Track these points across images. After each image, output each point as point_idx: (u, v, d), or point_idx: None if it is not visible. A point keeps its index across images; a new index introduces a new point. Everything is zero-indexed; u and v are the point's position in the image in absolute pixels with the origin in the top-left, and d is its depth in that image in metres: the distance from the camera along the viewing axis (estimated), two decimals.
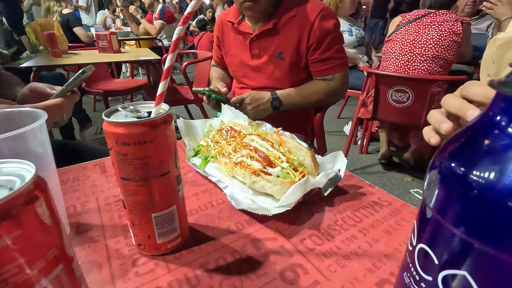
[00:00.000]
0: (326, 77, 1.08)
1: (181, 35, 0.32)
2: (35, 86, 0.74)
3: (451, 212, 0.20)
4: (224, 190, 0.52)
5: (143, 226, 0.38)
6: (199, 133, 0.71)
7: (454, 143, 0.21)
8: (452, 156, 0.20)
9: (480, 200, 0.18)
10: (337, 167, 0.54)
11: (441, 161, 0.21)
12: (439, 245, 0.21)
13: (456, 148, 0.21)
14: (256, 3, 0.97)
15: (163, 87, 0.34)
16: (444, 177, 0.21)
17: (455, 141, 0.21)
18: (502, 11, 1.64)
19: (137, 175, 0.34)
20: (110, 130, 0.32)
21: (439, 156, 0.22)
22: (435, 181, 0.21)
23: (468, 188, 0.19)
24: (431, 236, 0.22)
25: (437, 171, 0.21)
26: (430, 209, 0.22)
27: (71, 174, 0.61)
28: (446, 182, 0.20)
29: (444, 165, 0.21)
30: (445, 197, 0.21)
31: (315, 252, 0.41)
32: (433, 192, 0.22)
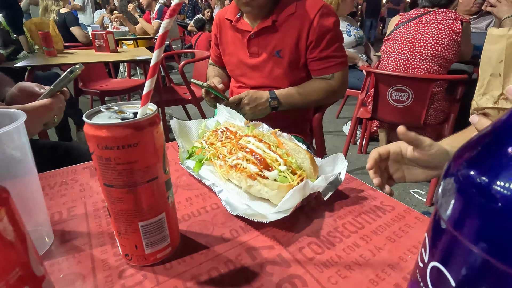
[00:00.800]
0: (326, 76, 1.05)
1: (168, 28, 0.29)
2: (23, 86, 0.72)
3: (470, 227, 0.17)
4: (218, 195, 0.50)
5: (130, 235, 0.35)
6: (194, 134, 0.68)
7: (474, 147, 0.19)
8: (472, 162, 0.18)
9: (505, 214, 0.16)
10: (337, 170, 0.52)
11: (458, 168, 0.19)
12: (456, 264, 0.18)
13: (477, 153, 0.18)
14: (252, 0, 0.95)
15: (149, 86, 0.32)
16: (462, 186, 0.18)
17: (476, 145, 0.19)
18: (504, 9, 1.62)
19: (122, 181, 0.31)
20: (91, 133, 0.30)
21: (456, 161, 0.19)
22: (451, 190, 0.19)
23: (490, 200, 0.16)
24: (446, 253, 0.19)
25: (454, 179, 0.19)
26: (444, 222, 0.19)
27: (59, 177, 0.59)
28: (465, 193, 0.18)
29: (462, 172, 0.18)
30: (463, 209, 0.18)
31: (315, 261, 0.38)
32: (448, 203, 0.19)
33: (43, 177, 0.59)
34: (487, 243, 0.16)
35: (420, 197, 1.86)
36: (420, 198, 1.86)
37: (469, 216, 0.17)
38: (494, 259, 0.16)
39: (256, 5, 0.98)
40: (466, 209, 0.18)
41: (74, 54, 2.45)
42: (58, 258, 0.39)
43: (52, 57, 2.20)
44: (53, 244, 0.42)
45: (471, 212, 0.17)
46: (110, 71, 4.07)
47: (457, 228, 0.18)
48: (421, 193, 1.90)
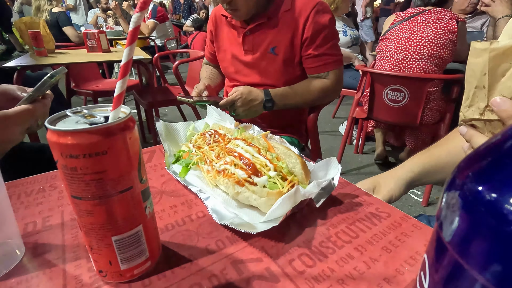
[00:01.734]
0: (320, 75, 1.03)
1: (139, 23, 0.26)
2: (4, 88, 0.68)
3: (477, 254, 0.15)
4: (205, 202, 0.47)
5: (103, 250, 0.32)
6: (181, 137, 0.65)
7: (484, 158, 0.16)
8: (480, 176, 0.15)
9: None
10: (331, 175, 0.49)
11: (464, 181, 0.16)
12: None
13: (487, 165, 0.15)
14: (235, 11, 0.96)
15: (121, 87, 0.29)
16: (467, 202, 0.15)
17: (485, 155, 0.16)
18: (499, 9, 1.61)
19: (90, 192, 0.28)
20: (53, 140, 0.27)
21: (461, 173, 0.17)
22: (454, 207, 0.16)
23: (502, 222, 0.14)
24: (448, 280, 0.17)
25: (458, 193, 0.16)
26: (446, 243, 0.17)
27: (37, 184, 0.55)
28: (471, 211, 0.15)
29: (468, 186, 0.16)
30: (468, 231, 0.15)
31: (305, 275, 0.36)
32: (451, 221, 0.16)
33: (20, 184, 0.55)
34: (495, 272, 0.14)
35: (417, 197, 1.85)
36: (417, 198, 1.84)
37: (476, 240, 0.15)
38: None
39: (240, 16, 0.98)
40: (472, 231, 0.15)
41: (65, 54, 2.40)
42: (27, 274, 0.36)
43: (42, 57, 2.15)
44: (25, 257, 0.39)
45: (479, 235, 0.15)
46: (104, 71, 4.03)
47: (462, 253, 0.16)
48: (417, 193, 1.89)
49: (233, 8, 0.95)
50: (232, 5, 0.94)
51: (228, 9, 0.97)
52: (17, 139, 0.60)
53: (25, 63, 1.97)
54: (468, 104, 0.40)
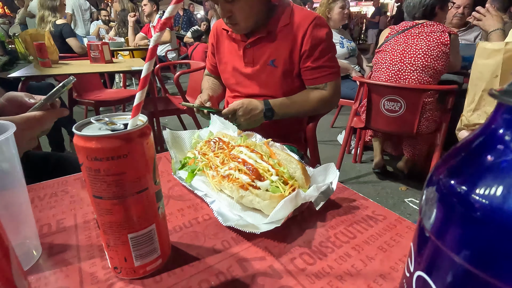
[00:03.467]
0: (319, 86, 1.07)
1: (159, 41, 0.29)
2: (12, 96, 0.71)
3: (452, 237, 0.18)
4: (211, 205, 0.50)
5: (119, 247, 0.35)
6: (187, 144, 0.68)
7: (454, 157, 0.19)
8: (451, 172, 0.18)
9: (484, 224, 0.16)
10: (329, 180, 0.52)
11: (439, 177, 0.19)
12: (440, 274, 0.19)
13: (456, 163, 0.18)
14: (235, 25, 1.01)
15: (140, 98, 0.32)
16: (442, 195, 0.18)
17: (455, 155, 0.19)
18: (490, 23, 1.67)
19: (111, 192, 0.31)
20: (80, 145, 0.30)
21: (437, 171, 0.20)
22: (433, 199, 0.19)
23: (470, 209, 0.17)
24: (430, 263, 0.20)
25: (435, 188, 0.19)
26: (427, 231, 0.20)
27: (49, 189, 0.58)
28: (445, 202, 0.18)
29: (443, 182, 0.19)
30: (444, 218, 0.18)
31: (306, 272, 0.38)
32: (430, 212, 0.19)
33: (33, 189, 0.58)
34: (468, 253, 0.17)
35: (415, 206, 1.87)
36: (415, 207, 1.86)
37: (450, 226, 0.18)
38: (475, 269, 0.16)
39: (239, 29, 1.03)
40: (447, 218, 0.18)
41: (69, 64, 2.45)
42: (45, 271, 0.39)
43: (46, 68, 2.20)
44: (41, 257, 0.41)
45: (452, 221, 0.18)
46: (105, 81, 4.08)
47: (439, 237, 0.18)
48: (416, 202, 1.91)
49: (233, 22, 1.00)
50: (232, 20, 0.99)
51: (228, 23, 1.02)
52: (26, 145, 0.63)
53: (30, 73, 2.01)
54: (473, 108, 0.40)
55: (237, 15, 0.98)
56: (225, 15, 0.99)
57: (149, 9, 4.13)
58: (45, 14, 3.27)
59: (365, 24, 9.76)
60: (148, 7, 4.12)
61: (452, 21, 2.39)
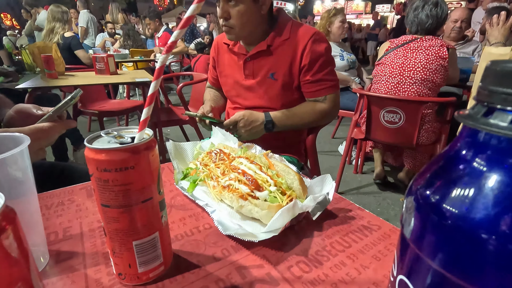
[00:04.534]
0: (318, 98, 1.10)
1: (164, 63, 0.32)
2: (20, 107, 0.73)
3: (427, 243, 0.20)
4: (211, 215, 0.51)
5: (124, 254, 0.36)
6: (189, 155, 0.71)
7: (428, 171, 0.21)
8: (426, 183, 0.20)
9: (455, 231, 0.18)
10: (326, 190, 0.54)
11: (416, 188, 0.21)
12: (418, 278, 0.20)
13: (430, 176, 0.21)
14: (230, 29, 1.04)
15: (146, 113, 0.34)
16: (419, 204, 0.20)
17: (430, 168, 0.21)
18: (494, 34, 1.72)
19: (118, 201, 0.33)
20: (91, 157, 0.32)
21: (415, 182, 0.22)
22: (411, 208, 0.21)
23: (441, 217, 0.19)
24: (410, 267, 0.21)
25: (413, 198, 0.21)
26: (407, 238, 0.22)
27: (56, 198, 0.60)
28: (421, 211, 0.20)
29: (419, 192, 0.21)
30: (420, 226, 0.20)
31: (302, 280, 0.40)
32: (409, 220, 0.21)
33: (41, 198, 0.60)
34: (442, 258, 0.19)
35: None
36: None
37: (425, 233, 0.20)
38: (448, 273, 0.18)
39: (235, 35, 1.06)
40: (422, 226, 0.20)
41: (75, 76, 2.51)
42: (52, 278, 0.40)
43: (53, 79, 2.25)
44: (48, 264, 0.43)
45: (427, 228, 0.20)
46: (109, 92, 4.16)
47: (416, 244, 0.20)
48: None
49: (228, 25, 1.03)
50: (228, 22, 1.03)
51: (223, 26, 1.05)
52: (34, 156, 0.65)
53: (36, 85, 2.06)
54: None
55: (234, 19, 1.01)
56: (222, 15, 1.02)
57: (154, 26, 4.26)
58: (56, 26, 3.35)
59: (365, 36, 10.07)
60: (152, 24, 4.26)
61: (450, 34, 2.45)
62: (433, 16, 1.75)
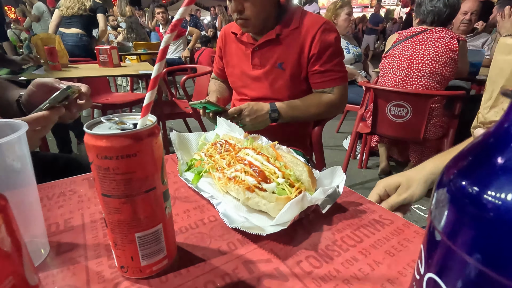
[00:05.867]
0: (326, 90, 1.07)
1: (169, 43, 0.30)
2: (42, 81, 0.70)
3: (464, 238, 0.17)
4: (216, 207, 0.50)
5: (126, 246, 0.35)
6: (193, 146, 0.69)
7: (465, 158, 0.19)
8: (463, 172, 0.18)
9: (496, 224, 0.16)
10: (336, 183, 0.52)
11: (450, 178, 0.19)
12: (452, 276, 0.18)
13: (468, 163, 0.18)
14: (246, 20, 1.01)
15: (149, 97, 0.32)
16: (454, 197, 0.18)
17: (467, 155, 0.19)
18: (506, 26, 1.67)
19: (120, 191, 0.32)
20: (91, 143, 0.30)
21: (448, 172, 0.20)
22: (444, 201, 0.19)
23: (482, 210, 0.16)
24: (441, 264, 0.19)
25: (446, 189, 0.19)
26: (439, 232, 0.19)
27: (57, 189, 0.59)
28: (457, 203, 0.18)
29: (454, 183, 0.18)
30: (456, 220, 0.18)
31: (313, 275, 0.38)
32: (442, 213, 0.19)
33: (42, 188, 0.59)
34: (481, 253, 0.16)
35: (422, 213, 1.84)
36: (422, 213, 1.84)
37: (462, 227, 0.18)
38: (488, 270, 0.16)
39: (251, 26, 1.03)
40: (459, 219, 0.18)
41: (78, 68, 2.50)
42: (52, 270, 0.39)
43: (56, 71, 2.24)
44: (49, 255, 0.42)
45: (464, 222, 0.17)
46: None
47: (451, 239, 0.18)
48: (422, 208, 1.88)
49: (243, 17, 1.00)
50: (243, 15, 0.99)
51: (238, 19, 1.01)
52: (32, 145, 0.63)
53: (40, 76, 2.05)
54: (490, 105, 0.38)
55: (248, 10, 0.98)
56: (236, 9, 0.99)
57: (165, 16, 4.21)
58: None
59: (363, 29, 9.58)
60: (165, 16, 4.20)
61: (459, 27, 2.38)
62: (451, 5, 1.69)
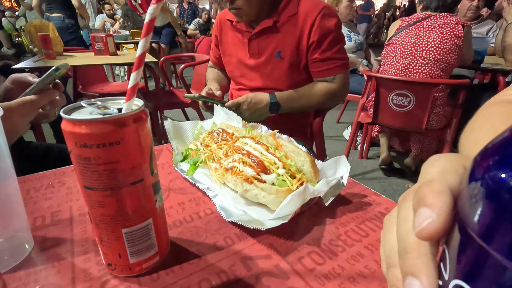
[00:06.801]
0: (327, 78, 1.03)
1: (155, 15, 0.26)
2: (17, 77, 0.68)
3: (503, 239, 0.14)
4: (213, 199, 0.47)
5: (112, 243, 0.32)
6: (189, 135, 0.65)
7: (502, 147, 0.16)
8: (503, 163, 0.15)
9: None
10: (339, 174, 0.49)
11: (486, 170, 0.16)
12: (486, 283, 0.15)
13: (507, 153, 0.15)
14: (239, 10, 0.97)
15: (135, 79, 0.29)
16: (491, 191, 0.15)
17: (504, 145, 0.16)
18: None
19: (103, 183, 0.28)
20: (68, 130, 0.27)
21: (482, 163, 0.16)
22: (478, 196, 0.16)
23: None
24: (473, 270, 0.16)
25: (481, 183, 0.16)
26: (470, 233, 0.16)
27: (46, 180, 0.56)
28: (495, 198, 0.15)
29: (491, 175, 0.15)
30: (493, 218, 0.15)
31: (315, 273, 0.35)
32: (475, 211, 0.16)
33: (29, 180, 0.56)
34: None
35: None
36: None
37: (502, 226, 0.15)
38: None
39: (244, 15, 0.98)
40: (497, 217, 0.15)
41: (73, 56, 2.44)
42: (36, 267, 0.36)
43: (51, 60, 2.18)
44: (33, 251, 0.39)
45: (504, 221, 0.14)
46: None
47: (487, 241, 0.15)
48: None
49: (235, 7, 0.96)
50: (235, 4, 0.95)
51: (231, 9, 0.98)
52: (21, 130, 0.61)
53: (34, 65, 1.99)
54: None
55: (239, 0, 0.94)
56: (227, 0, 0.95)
57: None
58: None
59: None
60: None
61: (466, 14, 2.31)
62: None
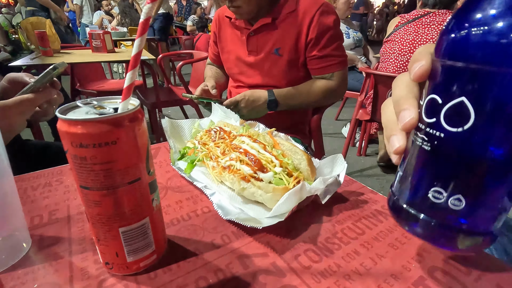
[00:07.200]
0: (325, 75, 1.03)
1: (150, 14, 0.26)
2: (13, 76, 0.68)
3: (459, 48, 0.22)
4: (210, 198, 0.47)
5: (110, 242, 0.32)
6: (186, 134, 0.65)
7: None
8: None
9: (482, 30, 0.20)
10: (336, 172, 0.49)
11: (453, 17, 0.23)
12: (445, 87, 0.23)
13: None
14: (238, 8, 0.96)
15: (131, 78, 0.29)
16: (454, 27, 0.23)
17: None
18: None
19: (99, 183, 0.29)
20: (64, 130, 0.27)
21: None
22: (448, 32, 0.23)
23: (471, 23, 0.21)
24: (439, 82, 0.24)
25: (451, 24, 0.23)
26: (441, 55, 0.24)
27: (43, 179, 0.56)
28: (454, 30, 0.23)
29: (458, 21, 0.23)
30: (456, 39, 0.22)
31: (311, 270, 0.35)
32: (447, 39, 0.23)
33: (27, 178, 0.56)
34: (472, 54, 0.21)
35: None
36: None
37: (459, 41, 0.22)
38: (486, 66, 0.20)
39: (244, 13, 0.98)
40: (457, 37, 0.22)
41: (70, 54, 2.42)
42: (34, 265, 0.36)
43: (48, 57, 2.17)
44: (31, 250, 0.39)
45: (460, 37, 0.22)
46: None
47: (447, 55, 0.23)
48: None
49: (235, 5, 0.96)
50: (235, 3, 0.95)
51: (230, 7, 0.97)
52: (18, 128, 0.61)
53: (31, 62, 1.98)
54: None
55: None
56: None
57: None
58: None
59: None
60: None
61: None
62: None
